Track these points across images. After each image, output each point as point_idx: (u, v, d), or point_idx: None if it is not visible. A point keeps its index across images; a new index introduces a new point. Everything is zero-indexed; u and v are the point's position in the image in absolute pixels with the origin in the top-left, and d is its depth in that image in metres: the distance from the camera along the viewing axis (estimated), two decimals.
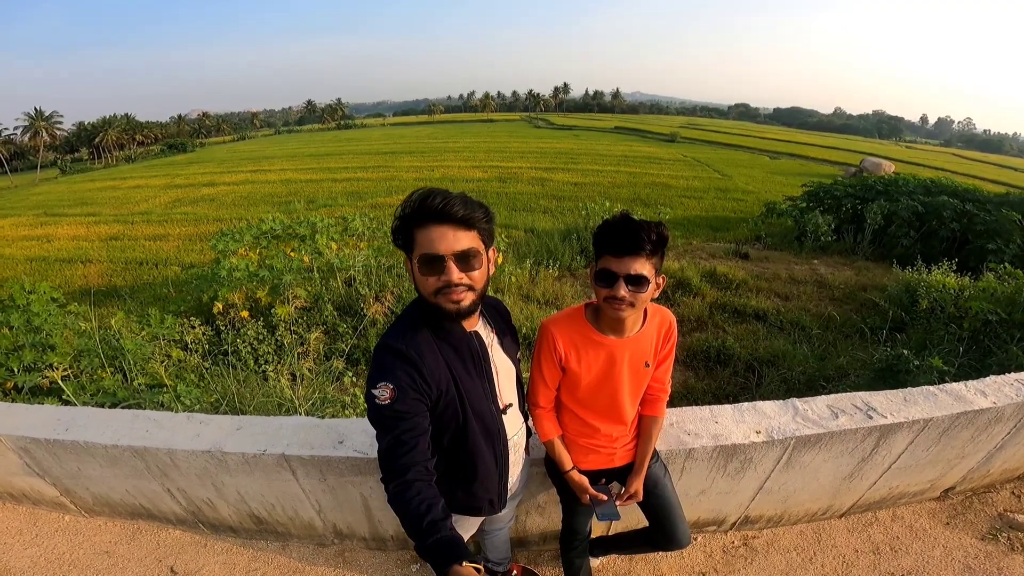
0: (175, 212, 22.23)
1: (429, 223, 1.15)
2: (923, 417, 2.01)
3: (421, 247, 1.17)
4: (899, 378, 4.23)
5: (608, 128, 71.30)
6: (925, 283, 6.90)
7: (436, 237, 1.15)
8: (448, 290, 1.18)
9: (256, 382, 4.50)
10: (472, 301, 1.24)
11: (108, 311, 7.34)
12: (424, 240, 1.16)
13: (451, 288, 1.18)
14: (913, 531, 2.38)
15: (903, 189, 12.77)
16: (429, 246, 1.15)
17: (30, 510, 2.50)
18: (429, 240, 1.15)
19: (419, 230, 1.17)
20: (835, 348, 6.37)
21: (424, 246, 1.16)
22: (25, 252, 17.01)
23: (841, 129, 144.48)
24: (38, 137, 73.43)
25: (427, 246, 1.16)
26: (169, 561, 2.23)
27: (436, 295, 1.20)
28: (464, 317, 1.28)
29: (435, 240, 1.15)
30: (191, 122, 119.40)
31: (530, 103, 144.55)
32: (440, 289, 1.19)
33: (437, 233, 1.15)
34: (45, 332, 4.27)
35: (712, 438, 1.92)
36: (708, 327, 7.38)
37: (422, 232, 1.16)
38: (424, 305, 1.26)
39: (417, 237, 1.17)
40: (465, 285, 1.20)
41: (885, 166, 23.05)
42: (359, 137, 68.22)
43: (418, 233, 1.17)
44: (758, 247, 12.17)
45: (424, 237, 1.16)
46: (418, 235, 1.17)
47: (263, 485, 2.02)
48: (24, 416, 2.20)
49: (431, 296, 1.21)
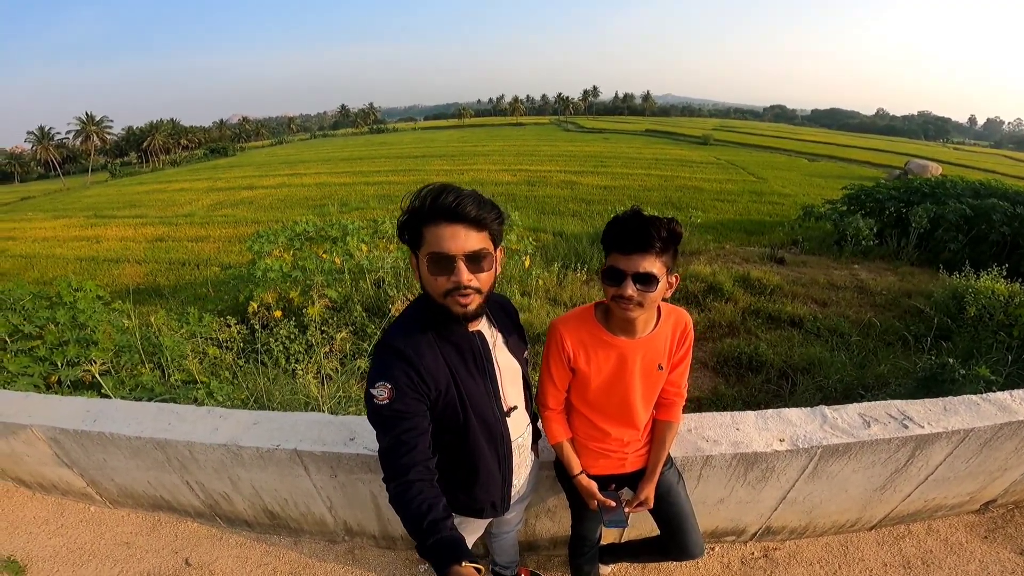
0: (216, 214, 23.09)
1: (441, 221, 1.12)
2: (963, 427, 1.89)
3: (431, 245, 1.14)
4: (943, 387, 4.01)
5: (638, 131, 70.51)
6: (973, 289, 6.56)
7: (447, 236, 1.12)
8: (457, 292, 1.16)
9: (285, 380, 4.59)
10: (479, 304, 1.21)
11: (150, 309, 7.65)
12: (434, 238, 1.13)
13: (460, 290, 1.16)
14: (948, 545, 2.25)
15: (950, 191, 12.17)
16: (440, 245, 1.12)
17: (58, 500, 2.59)
18: (440, 239, 1.12)
19: (430, 227, 1.13)
20: (875, 356, 6.08)
21: (434, 244, 1.13)
22: (75, 252, 17.94)
23: (884, 131, 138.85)
24: (89, 141, 77.37)
25: (437, 245, 1.13)
26: (185, 553, 2.27)
27: (445, 296, 1.17)
28: (470, 320, 1.25)
29: (446, 239, 1.12)
30: (232, 127, 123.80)
31: (559, 106, 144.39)
32: (450, 291, 1.16)
33: (449, 232, 1.12)
34: (89, 328, 4.45)
35: (732, 445, 1.85)
36: (740, 333, 7.17)
37: (433, 230, 1.13)
38: (430, 304, 1.24)
39: (427, 235, 1.14)
40: (473, 288, 1.17)
41: (932, 168, 22.02)
42: (391, 141, 69.48)
43: (428, 231, 1.14)
44: (794, 251, 11.78)
45: (434, 235, 1.13)
46: (428, 233, 1.14)
47: (276, 480, 2.04)
48: (56, 407, 2.29)
49: (440, 297, 1.18)
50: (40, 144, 76.22)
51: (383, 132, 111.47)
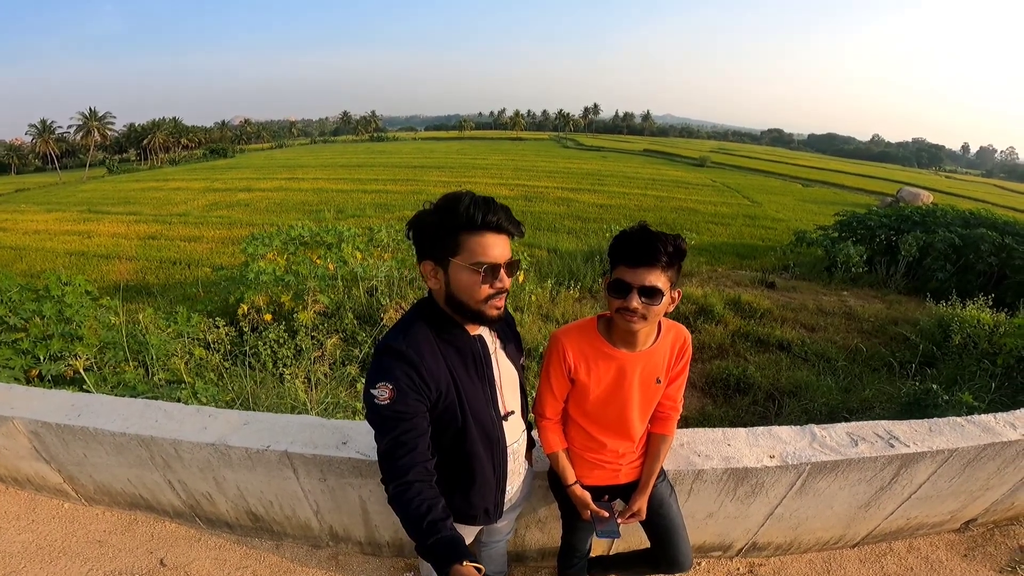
0: (211, 215, 22.98)
1: (487, 232, 1.17)
2: (948, 447, 1.92)
3: (476, 255, 1.17)
4: (927, 413, 4.06)
5: (637, 150, 71.23)
6: (959, 318, 6.67)
7: (496, 246, 1.18)
8: (497, 297, 1.23)
9: (272, 384, 4.55)
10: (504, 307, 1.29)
11: (138, 307, 7.57)
12: (481, 248, 1.17)
13: (499, 295, 1.23)
14: (928, 563, 2.27)
15: (940, 220, 12.39)
16: (488, 255, 1.18)
17: (31, 496, 2.53)
18: (488, 248, 1.18)
19: (473, 236, 1.17)
20: (861, 381, 6.14)
21: (481, 254, 1.17)
22: (66, 246, 17.76)
23: (879, 157, 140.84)
24: (90, 136, 76.86)
25: (485, 255, 1.17)
26: (160, 553, 2.22)
27: (485, 302, 1.22)
28: (496, 323, 1.31)
29: (494, 248, 1.18)
30: (233, 128, 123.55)
31: (559, 123, 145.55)
32: (490, 296, 1.22)
33: (495, 241, 1.18)
34: (75, 323, 4.39)
35: (723, 460, 1.86)
36: (729, 355, 7.23)
37: (477, 240, 1.17)
38: (434, 306, 1.28)
39: (468, 243, 1.17)
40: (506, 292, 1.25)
41: (923, 196, 22.39)
42: (391, 150, 69.70)
43: (471, 239, 1.17)
44: (786, 276, 11.92)
45: (480, 245, 1.17)
46: (470, 241, 1.17)
47: (264, 482, 2.01)
48: (40, 400, 2.24)
49: (477, 303, 1.22)
50: (41, 137, 75.57)
51: (383, 140, 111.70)
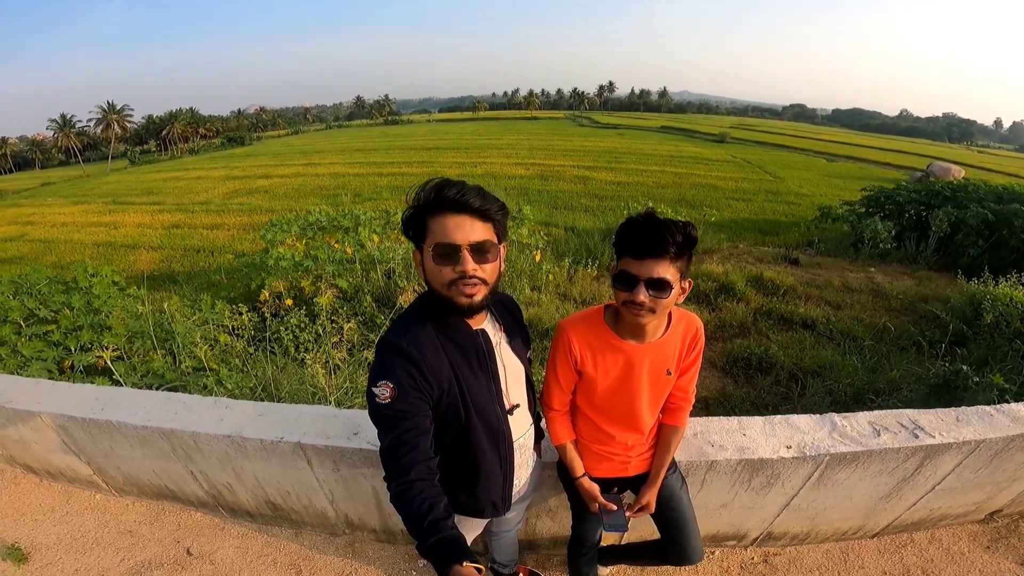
0: (232, 203, 23.27)
1: (445, 212, 1.13)
2: (975, 438, 1.86)
3: (436, 236, 1.14)
4: (956, 395, 3.93)
5: (654, 127, 69.78)
6: (991, 296, 6.41)
7: (453, 226, 1.13)
8: (462, 282, 1.15)
9: (293, 369, 4.62)
10: (484, 296, 1.20)
11: (164, 295, 7.74)
12: (439, 229, 1.13)
13: (465, 280, 1.15)
14: (950, 554, 2.22)
15: (973, 195, 11.87)
16: (445, 235, 1.13)
17: (65, 488, 2.63)
18: (445, 229, 1.13)
19: (434, 218, 1.14)
20: (888, 361, 5.98)
21: (439, 235, 1.13)
22: (93, 237, 18.20)
23: (907, 132, 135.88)
24: (110, 129, 78.54)
25: (443, 235, 1.13)
26: (187, 542, 2.30)
27: (449, 287, 1.17)
28: (475, 312, 1.24)
29: (452, 229, 1.12)
30: (249, 116, 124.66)
31: (575, 101, 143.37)
32: (454, 281, 1.15)
33: (454, 222, 1.13)
34: (104, 313, 4.50)
35: (738, 451, 1.82)
36: (751, 333, 7.08)
37: (437, 220, 1.14)
38: (433, 299, 1.23)
39: (432, 226, 1.15)
40: (479, 278, 1.17)
41: (954, 171, 21.52)
42: (405, 133, 69.42)
43: (433, 221, 1.14)
44: (810, 253, 11.61)
45: (439, 226, 1.13)
46: (433, 224, 1.14)
47: (279, 472, 2.05)
48: (65, 394, 2.31)
49: (444, 288, 1.17)
50: (62, 131, 77.48)
51: (397, 124, 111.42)
